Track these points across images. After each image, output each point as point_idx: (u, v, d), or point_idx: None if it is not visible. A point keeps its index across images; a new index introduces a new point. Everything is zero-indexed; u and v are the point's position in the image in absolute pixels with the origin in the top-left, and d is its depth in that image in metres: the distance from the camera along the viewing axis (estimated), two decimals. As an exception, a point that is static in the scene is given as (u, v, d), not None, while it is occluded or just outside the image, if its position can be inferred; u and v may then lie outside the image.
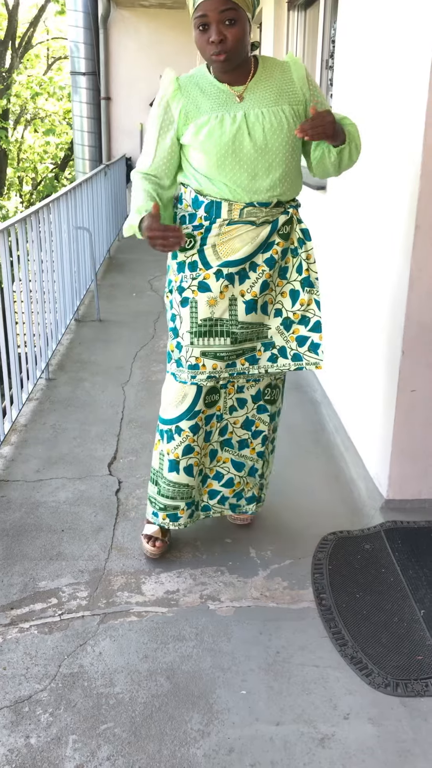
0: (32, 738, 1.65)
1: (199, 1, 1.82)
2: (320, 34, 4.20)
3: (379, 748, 1.64)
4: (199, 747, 1.63)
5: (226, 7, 1.81)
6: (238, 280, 2.03)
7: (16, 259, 3.26)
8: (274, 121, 1.92)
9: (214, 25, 1.83)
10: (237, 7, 1.82)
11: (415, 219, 2.23)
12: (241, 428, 2.27)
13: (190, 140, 1.94)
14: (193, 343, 2.06)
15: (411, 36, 2.25)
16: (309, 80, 1.99)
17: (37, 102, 15.65)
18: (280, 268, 2.08)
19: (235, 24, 1.83)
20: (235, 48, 1.85)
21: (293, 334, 2.10)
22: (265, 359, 2.13)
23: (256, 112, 1.92)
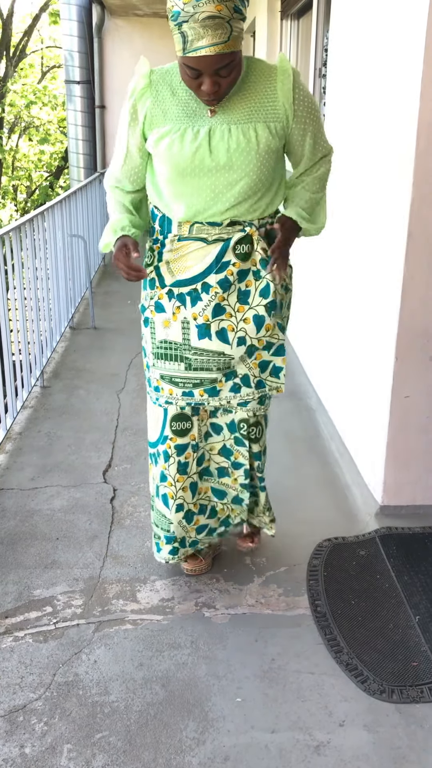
0: (27, 747, 1.65)
1: (189, 54, 1.61)
2: (313, 42, 4.22)
3: (374, 754, 1.64)
4: (194, 755, 1.63)
5: (223, 64, 1.62)
6: (190, 301, 1.90)
7: (10, 267, 3.26)
8: (241, 140, 1.75)
9: (208, 77, 1.65)
10: (235, 56, 1.63)
11: (407, 227, 2.24)
12: (219, 455, 2.15)
13: (152, 149, 1.82)
14: (154, 364, 2.00)
15: (403, 44, 2.27)
16: (296, 90, 1.78)
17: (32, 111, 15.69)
18: (239, 291, 1.91)
19: (232, 72, 1.66)
20: (228, 91, 1.71)
21: (255, 360, 1.99)
22: (227, 390, 2.01)
23: (222, 129, 1.75)
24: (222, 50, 1.59)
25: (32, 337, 3.76)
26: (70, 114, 8.85)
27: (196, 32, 1.57)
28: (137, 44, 8.74)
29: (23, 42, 15.47)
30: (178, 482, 2.09)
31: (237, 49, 1.63)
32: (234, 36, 1.60)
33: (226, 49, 1.59)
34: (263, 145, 1.77)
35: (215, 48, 1.58)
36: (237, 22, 1.60)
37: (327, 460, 3.02)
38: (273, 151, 1.80)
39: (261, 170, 1.79)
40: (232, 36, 1.59)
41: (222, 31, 1.57)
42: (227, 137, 1.75)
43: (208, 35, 1.57)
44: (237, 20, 1.60)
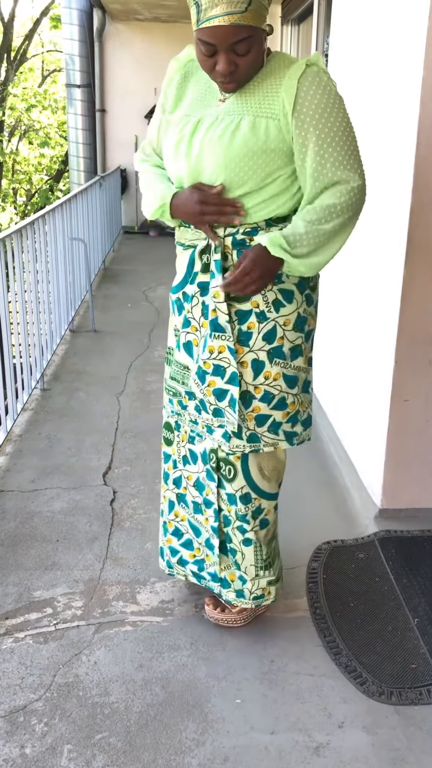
0: (27, 748, 1.65)
1: (203, 25, 1.47)
2: (313, 48, 4.25)
3: (373, 756, 1.64)
4: (194, 756, 1.63)
5: (239, 38, 1.48)
6: (176, 309, 1.84)
7: (11, 270, 3.27)
8: (218, 132, 1.61)
9: (223, 54, 1.51)
10: (253, 31, 1.49)
11: (407, 231, 2.25)
12: (194, 488, 1.96)
13: (163, 132, 1.76)
14: None
15: (403, 50, 2.28)
16: (304, 89, 1.55)
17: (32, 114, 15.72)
18: (203, 304, 1.75)
19: (250, 50, 1.52)
20: (248, 75, 1.57)
21: (253, 412, 1.78)
22: (192, 407, 1.87)
23: (209, 119, 1.63)
24: (237, 21, 1.44)
25: (33, 339, 3.77)
26: (70, 117, 8.87)
27: (211, 0, 1.44)
28: (138, 48, 8.77)
29: (24, 46, 15.51)
30: (162, 488, 2.07)
31: (256, 24, 1.48)
32: (253, 9, 1.45)
33: (243, 21, 1.44)
34: (239, 140, 1.58)
35: (230, 18, 1.44)
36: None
37: (326, 463, 3.03)
38: (252, 152, 1.59)
39: (229, 167, 1.60)
40: (250, 8, 1.44)
41: (239, 1, 1.43)
42: (206, 131, 1.62)
43: (223, 3, 1.43)
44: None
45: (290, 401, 1.80)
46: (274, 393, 1.77)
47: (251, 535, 1.90)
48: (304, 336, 1.78)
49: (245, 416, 1.78)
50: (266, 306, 1.71)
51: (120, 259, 7.59)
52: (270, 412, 1.78)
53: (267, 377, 1.76)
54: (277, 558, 2.03)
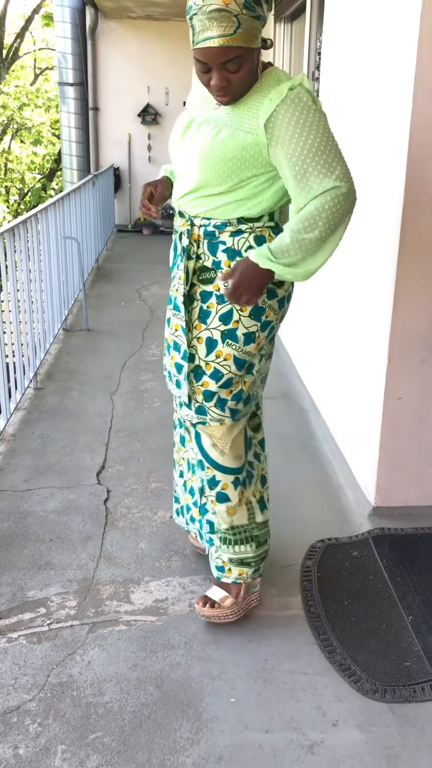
0: (21, 748, 1.65)
1: (197, 46, 1.61)
2: (306, 45, 4.24)
3: (367, 753, 1.65)
4: (188, 755, 1.63)
5: (228, 58, 1.61)
6: None
7: (4, 268, 3.26)
8: (199, 136, 1.76)
9: (216, 71, 1.64)
10: (243, 51, 1.61)
11: (399, 230, 2.25)
12: (187, 467, 2.20)
13: None
14: None
15: (395, 48, 2.28)
16: (280, 116, 1.65)
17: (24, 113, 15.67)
18: (201, 310, 1.88)
19: (241, 68, 1.64)
20: (240, 90, 1.69)
21: (202, 385, 1.92)
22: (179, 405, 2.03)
23: (200, 123, 1.79)
24: (227, 43, 1.58)
25: (26, 338, 3.76)
26: (63, 116, 8.84)
27: (203, 24, 1.58)
28: (131, 47, 8.75)
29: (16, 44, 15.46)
30: (179, 452, 2.22)
31: (246, 45, 1.60)
32: (242, 31, 1.58)
33: (232, 43, 1.58)
34: (217, 146, 1.72)
35: (220, 40, 1.58)
36: (247, 18, 1.58)
37: (320, 462, 3.03)
38: (228, 158, 1.72)
39: (206, 169, 1.75)
40: (239, 31, 1.58)
41: (228, 24, 1.56)
42: (194, 130, 1.79)
43: (214, 27, 1.57)
44: (247, 17, 1.58)
45: (235, 381, 1.93)
46: (223, 372, 1.90)
47: (209, 506, 2.04)
48: (260, 325, 1.88)
49: (195, 389, 1.92)
50: (225, 290, 1.83)
51: (113, 257, 7.58)
52: (217, 390, 1.91)
53: (218, 356, 1.88)
54: (247, 544, 2.05)
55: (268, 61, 1.80)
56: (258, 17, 1.61)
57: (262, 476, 2.12)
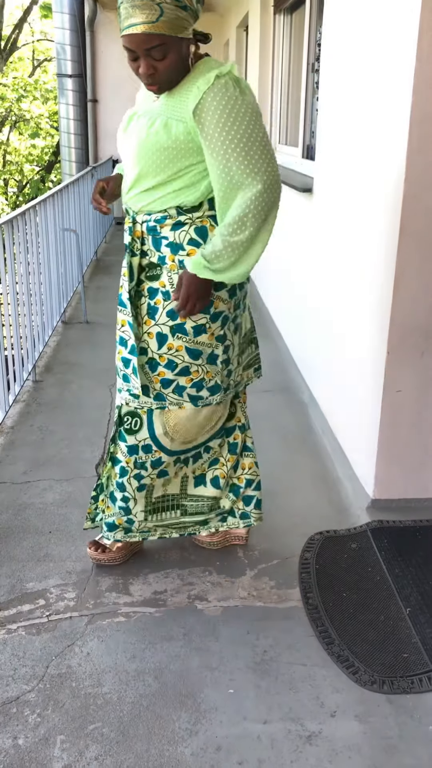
0: (20, 738, 1.65)
1: (122, 33, 1.69)
2: (306, 37, 4.23)
3: (365, 744, 1.65)
4: (186, 746, 1.64)
5: (152, 45, 1.67)
6: None
7: (2, 261, 3.26)
8: (137, 128, 1.83)
9: (142, 59, 1.71)
10: (166, 39, 1.67)
11: (399, 222, 2.25)
12: None
13: None
14: None
15: (395, 40, 2.27)
16: (207, 101, 1.69)
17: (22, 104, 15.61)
18: (149, 306, 1.93)
19: (166, 56, 1.69)
20: (168, 79, 1.74)
21: (158, 375, 1.97)
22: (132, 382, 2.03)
23: (139, 116, 1.86)
24: (149, 30, 1.64)
25: (24, 331, 3.75)
26: (62, 108, 8.82)
27: (128, 12, 1.65)
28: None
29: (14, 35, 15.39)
30: None
31: (170, 33, 1.66)
32: (165, 19, 1.64)
33: (154, 30, 1.64)
34: (152, 136, 1.77)
35: (143, 26, 1.64)
36: (171, 8, 1.64)
37: (319, 454, 3.03)
38: (163, 148, 1.76)
39: (143, 160, 1.80)
40: (162, 18, 1.64)
41: (150, 12, 1.63)
42: (135, 122, 1.86)
43: (137, 15, 1.64)
44: (171, 6, 1.64)
45: (194, 369, 1.97)
46: (177, 362, 1.95)
47: (147, 481, 2.13)
48: (209, 317, 1.92)
49: (152, 379, 1.98)
50: (171, 286, 1.89)
51: (112, 250, 7.56)
52: (174, 377, 1.97)
53: (170, 348, 1.94)
54: (172, 511, 2.22)
55: (206, 52, 1.83)
56: (184, 7, 1.67)
57: (215, 458, 2.22)
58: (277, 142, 5.52)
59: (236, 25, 7.13)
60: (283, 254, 4.42)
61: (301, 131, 4.36)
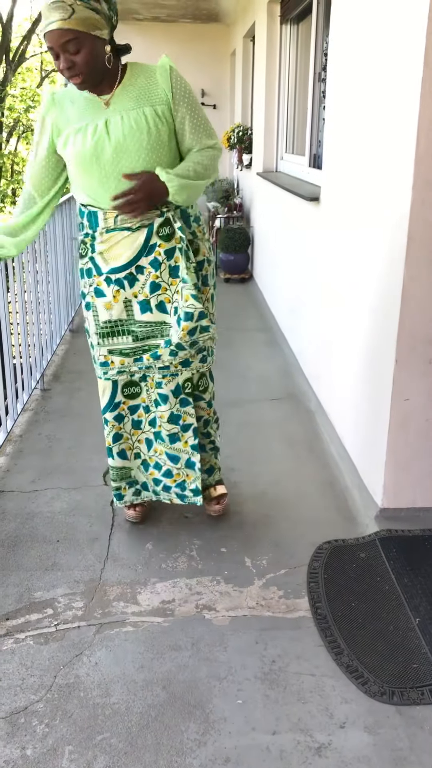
0: (28, 749, 1.65)
1: (43, 32, 1.92)
2: (313, 47, 4.24)
3: (375, 756, 1.64)
4: (195, 757, 1.63)
5: (66, 39, 1.90)
6: (128, 284, 2.17)
7: (11, 269, 3.27)
8: (133, 124, 2.02)
9: (61, 54, 1.93)
10: (78, 34, 1.90)
11: (407, 230, 2.25)
12: (169, 423, 2.35)
13: (62, 152, 2.11)
14: (99, 343, 2.26)
15: (402, 48, 2.28)
16: (173, 79, 2.07)
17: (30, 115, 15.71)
18: (170, 267, 2.16)
19: (81, 50, 1.92)
20: (87, 71, 1.96)
21: (183, 330, 2.17)
22: (167, 354, 2.22)
23: (116, 118, 2.03)
24: (62, 26, 1.88)
25: (32, 340, 3.76)
26: (69, 118, 8.87)
27: (45, 15, 1.90)
28: (137, 48, 8.64)
29: (23, 46, 15.50)
30: (133, 436, 2.42)
31: (82, 29, 1.90)
32: (77, 17, 1.88)
33: (67, 26, 1.88)
34: (152, 126, 2.03)
35: (57, 23, 1.88)
36: (82, 9, 1.89)
37: (327, 463, 3.02)
38: (163, 132, 2.06)
39: (155, 149, 2.05)
40: (75, 16, 1.88)
41: (63, 11, 1.87)
42: (121, 123, 2.03)
43: (53, 15, 1.88)
44: (82, 7, 1.89)
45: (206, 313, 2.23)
46: (190, 312, 2.17)
47: (218, 431, 2.55)
48: (207, 262, 2.30)
49: (180, 335, 2.17)
50: (209, 252, 2.29)
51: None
52: (195, 324, 2.19)
53: (186, 300, 2.16)
54: None
55: (126, 62, 2.14)
56: (94, 10, 1.92)
57: None
58: (284, 151, 5.54)
59: (243, 35, 7.17)
60: (291, 262, 4.42)
61: (308, 140, 4.37)
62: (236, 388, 3.87)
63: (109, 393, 2.34)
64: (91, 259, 2.19)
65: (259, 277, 6.22)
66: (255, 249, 6.48)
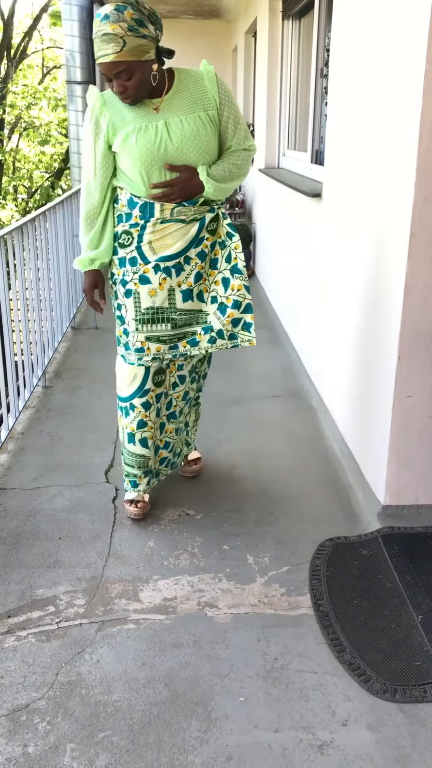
0: (30, 747, 1.65)
1: (97, 62, 2.09)
2: (315, 42, 4.23)
3: (377, 754, 1.64)
4: (197, 754, 1.63)
5: (119, 70, 2.06)
6: (175, 272, 2.30)
7: (12, 267, 3.26)
8: (192, 127, 2.17)
9: (114, 80, 2.09)
10: (130, 64, 2.05)
11: (409, 227, 2.24)
12: (182, 400, 2.58)
13: (119, 148, 2.20)
14: (138, 329, 2.33)
15: (405, 44, 2.27)
16: (219, 86, 2.22)
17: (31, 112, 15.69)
18: (210, 259, 2.34)
19: (132, 77, 2.08)
20: (137, 93, 2.12)
21: (228, 317, 2.34)
22: (206, 341, 2.37)
23: (175, 120, 2.17)
24: (114, 59, 2.04)
25: (34, 337, 3.76)
26: (71, 114, 8.84)
27: (98, 45, 2.05)
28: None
29: (24, 43, 15.48)
30: (156, 424, 2.51)
31: (133, 59, 2.05)
32: (128, 49, 2.03)
33: (118, 58, 2.04)
34: (210, 127, 2.21)
35: (108, 57, 2.04)
36: (132, 39, 2.03)
37: (329, 460, 3.02)
38: (213, 134, 2.22)
39: (208, 149, 2.22)
40: (126, 48, 2.03)
41: (115, 44, 2.02)
42: (181, 126, 2.17)
43: (105, 47, 2.03)
44: (132, 37, 2.03)
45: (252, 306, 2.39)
46: (240, 300, 2.35)
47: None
48: (243, 260, 2.37)
49: (224, 321, 2.36)
50: (225, 237, 2.35)
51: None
52: (241, 316, 2.36)
53: (233, 289, 2.35)
54: None
55: (169, 67, 2.25)
56: (143, 36, 2.05)
57: None
58: (286, 147, 5.52)
59: (245, 31, 7.15)
60: (293, 259, 4.41)
61: (309, 136, 4.36)
62: (238, 385, 3.86)
63: (140, 379, 2.39)
64: (138, 248, 2.28)
65: (261, 273, 6.21)
66: (257, 245, 6.47)
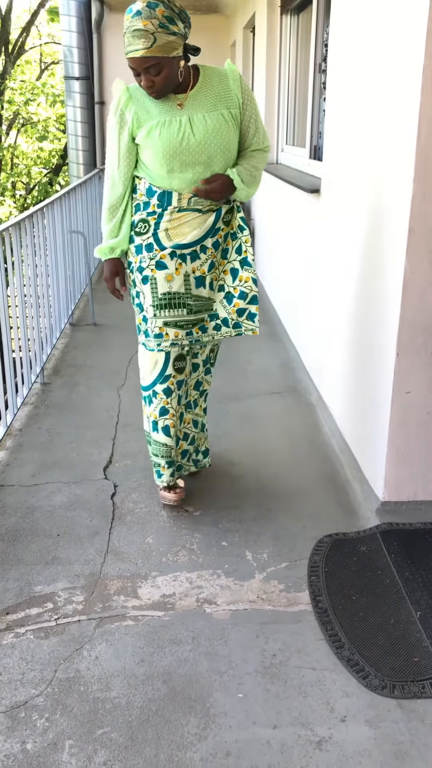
0: (28, 743, 1.65)
1: (127, 56, 2.14)
2: (313, 38, 4.21)
3: (376, 750, 1.64)
4: (196, 751, 1.63)
5: (149, 65, 2.11)
6: (190, 259, 2.36)
7: (10, 263, 3.26)
8: (216, 124, 2.23)
9: (143, 75, 2.14)
10: (159, 59, 2.10)
11: (408, 222, 2.23)
12: (194, 389, 2.63)
13: (143, 141, 2.25)
14: (156, 315, 2.38)
15: (403, 39, 2.26)
16: (242, 86, 2.29)
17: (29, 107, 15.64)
18: (223, 249, 2.41)
19: (161, 72, 2.13)
20: (163, 88, 2.17)
21: (234, 306, 2.41)
22: (212, 328, 2.45)
23: (199, 116, 2.23)
24: (145, 54, 2.09)
25: (32, 333, 3.75)
26: (69, 110, 8.82)
27: (129, 40, 2.10)
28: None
29: (22, 38, 15.42)
30: (177, 412, 2.53)
31: (163, 54, 2.10)
32: (159, 44, 2.08)
33: (149, 54, 2.09)
34: (231, 125, 2.27)
35: (139, 52, 2.09)
36: (162, 35, 2.08)
37: (328, 456, 3.02)
38: (234, 131, 2.29)
39: (229, 146, 2.28)
40: (156, 44, 2.08)
41: (146, 40, 2.07)
42: (204, 122, 2.23)
43: (136, 43, 2.09)
44: (162, 34, 2.08)
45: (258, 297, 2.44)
46: (246, 291, 2.42)
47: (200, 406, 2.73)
48: (253, 253, 2.44)
49: (230, 310, 2.43)
50: (237, 229, 2.43)
51: (120, 252, 7.55)
52: (246, 306, 2.42)
53: (241, 280, 2.42)
54: None
55: (194, 64, 2.29)
56: (173, 33, 2.10)
57: None
58: (284, 142, 5.51)
59: (243, 26, 7.13)
60: (291, 255, 4.40)
61: (308, 132, 4.35)
62: (237, 381, 3.86)
63: (161, 365, 2.44)
64: (154, 234, 2.34)
65: (260, 269, 6.20)
66: (255, 241, 6.46)
